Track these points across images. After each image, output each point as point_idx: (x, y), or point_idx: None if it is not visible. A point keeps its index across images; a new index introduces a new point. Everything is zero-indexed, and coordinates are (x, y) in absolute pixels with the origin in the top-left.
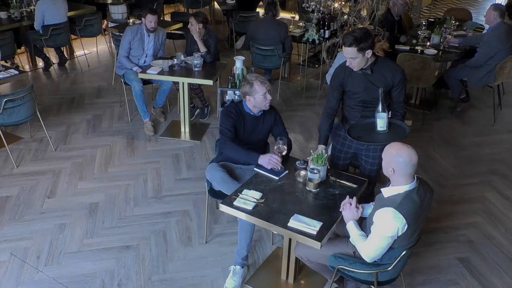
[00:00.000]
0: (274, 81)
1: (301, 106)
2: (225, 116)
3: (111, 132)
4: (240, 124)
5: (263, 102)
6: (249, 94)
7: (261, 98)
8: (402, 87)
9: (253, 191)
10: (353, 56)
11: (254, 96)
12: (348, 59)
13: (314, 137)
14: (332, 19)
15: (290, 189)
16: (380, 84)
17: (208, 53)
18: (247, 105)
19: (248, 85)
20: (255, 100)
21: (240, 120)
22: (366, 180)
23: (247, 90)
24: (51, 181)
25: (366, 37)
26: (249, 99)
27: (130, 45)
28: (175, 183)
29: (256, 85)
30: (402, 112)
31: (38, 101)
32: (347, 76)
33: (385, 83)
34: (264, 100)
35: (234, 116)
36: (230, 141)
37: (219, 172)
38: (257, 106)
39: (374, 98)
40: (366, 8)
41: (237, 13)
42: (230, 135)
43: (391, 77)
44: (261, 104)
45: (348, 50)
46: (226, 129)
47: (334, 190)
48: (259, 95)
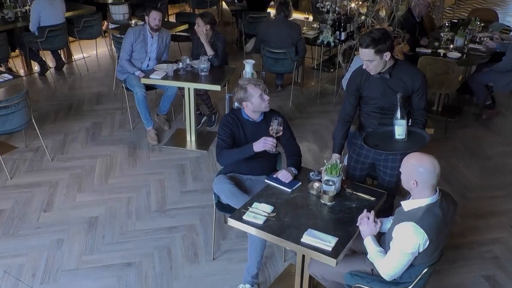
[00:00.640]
0: (286, 86)
1: (315, 113)
2: (221, 127)
3: (111, 141)
4: (239, 133)
5: (262, 104)
6: (245, 99)
7: (259, 101)
8: (423, 93)
9: (263, 204)
10: (370, 58)
11: (251, 100)
12: (365, 61)
13: (329, 146)
14: (348, 20)
15: (304, 202)
16: (399, 89)
17: (216, 56)
18: (245, 112)
19: (241, 91)
20: (252, 104)
21: (239, 128)
22: (385, 192)
23: (241, 96)
24: (47, 193)
25: (384, 38)
26: (246, 105)
27: (132, 48)
28: (180, 196)
29: (250, 88)
30: (423, 120)
31: (33, 108)
32: (364, 80)
33: (405, 88)
34: (262, 101)
35: (231, 126)
36: (223, 149)
37: (227, 185)
38: (256, 110)
39: (392, 104)
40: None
41: (247, 13)
42: (224, 146)
43: (411, 82)
44: (260, 107)
45: (365, 52)
46: (221, 140)
47: (350, 203)
48: (255, 98)
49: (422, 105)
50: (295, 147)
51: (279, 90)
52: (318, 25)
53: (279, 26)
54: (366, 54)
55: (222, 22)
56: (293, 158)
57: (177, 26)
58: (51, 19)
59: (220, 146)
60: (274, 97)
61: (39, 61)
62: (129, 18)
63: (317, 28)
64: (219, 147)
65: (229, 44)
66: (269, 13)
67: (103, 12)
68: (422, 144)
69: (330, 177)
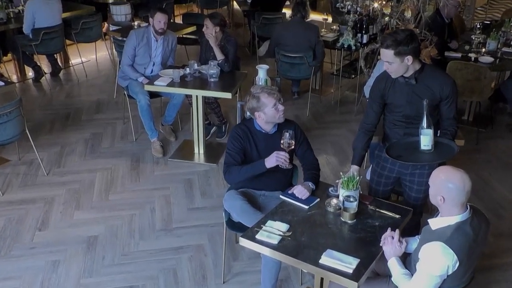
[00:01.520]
0: (303, 94)
1: (335, 123)
2: (230, 140)
3: (112, 153)
4: (250, 146)
5: (276, 114)
6: (258, 109)
7: (272, 111)
8: (453, 101)
9: (278, 223)
10: (389, 60)
11: (264, 110)
12: (385, 63)
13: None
14: (371, 21)
15: (322, 220)
16: (426, 96)
17: (226, 61)
18: (257, 123)
19: (253, 100)
20: (265, 115)
21: (250, 141)
22: (410, 209)
23: (254, 105)
24: (42, 210)
25: (408, 40)
26: (259, 115)
27: (135, 52)
28: (187, 213)
29: (263, 97)
30: (452, 131)
31: (27, 117)
32: (389, 86)
33: (432, 95)
34: (276, 112)
35: (241, 139)
36: (232, 166)
37: (238, 201)
38: (270, 121)
39: (419, 112)
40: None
41: (260, 14)
42: (233, 162)
43: (439, 89)
44: (274, 118)
45: (385, 53)
46: (230, 156)
47: (373, 221)
48: (269, 108)
49: (451, 114)
50: (313, 160)
51: (295, 98)
52: (338, 27)
53: (295, 28)
54: (386, 55)
55: (233, 24)
56: (311, 172)
57: (184, 28)
58: (46, 21)
59: (228, 163)
60: (290, 105)
61: (34, 66)
62: (132, 19)
63: (336, 30)
64: (227, 163)
65: (240, 48)
66: (284, 14)
67: (103, 12)
68: (449, 155)
69: (349, 192)
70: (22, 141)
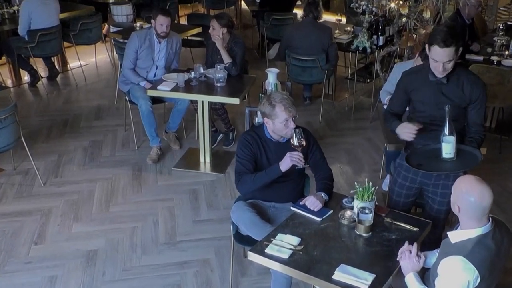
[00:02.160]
0: (316, 99)
1: (349, 131)
2: (240, 147)
3: (113, 162)
4: (261, 154)
5: (283, 130)
6: (268, 116)
7: (281, 126)
8: (481, 105)
9: (289, 236)
10: (451, 58)
11: (274, 121)
12: (443, 63)
13: (365, 168)
14: (387, 22)
15: (336, 233)
16: (455, 98)
17: (234, 64)
18: (267, 130)
19: (269, 106)
20: (274, 125)
21: (260, 149)
22: (429, 222)
23: (266, 111)
24: (39, 223)
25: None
26: (268, 121)
27: (136, 55)
28: (192, 226)
29: (278, 108)
30: (478, 139)
31: (22, 124)
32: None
33: (462, 97)
34: (284, 128)
35: (251, 146)
36: (244, 174)
37: (247, 213)
38: (276, 132)
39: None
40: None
41: (270, 15)
42: (245, 171)
43: (469, 90)
44: (280, 132)
45: (448, 51)
46: (241, 165)
47: (390, 235)
48: (279, 121)
49: (479, 120)
50: (326, 170)
51: (307, 104)
52: (352, 28)
53: (307, 30)
54: (449, 54)
55: (241, 25)
56: (324, 182)
57: (189, 30)
58: (43, 22)
59: (240, 172)
60: (301, 111)
61: (29, 70)
62: (133, 20)
63: (351, 32)
64: (239, 172)
65: (249, 50)
66: (295, 14)
67: (103, 13)
68: (472, 165)
69: (364, 203)
70: (17, 149)
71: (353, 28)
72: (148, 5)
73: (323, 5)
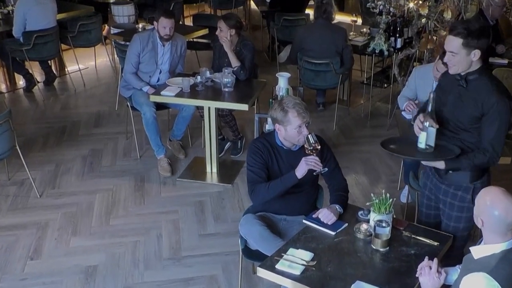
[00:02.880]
0: (330, 105)
1: (365, 139)
2: (250, 155)
3: (114, 172)
4: (272, 162)
5: (296, 137)
6: (280, 123)
7: (294, 132)
8: (494, 120)
9: (301, 251)
10: (454, 50)
11: (286, 127)
12: (448, 53)
13: (382, 179)
14: (405, 23)
15: (351, 247)
16: (470, 107)
17: (242, 68)
18: (279, 137)
19: (281, 111)
20: (286, 132)
21: (271, 157)
22: (451, 236)
23: (278, 117)
24: (35, 237)
25: (480, 32)
26: (279, 128)
27: (139, 59)
28: (198, 240)
29: (291, 114)
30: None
31: (17, 131)
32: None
33: (475, 106)
34: (297, 135)
35: (262, 153)
36: (258, 184)
37: (256, 226)
38: (287, 139)
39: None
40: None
41: (281, 15)
42: (257, 180)
43: (482, 100)
44: (293, 139)
45: (451, 41)
46: (253, 173)
47: (408, 249)
48: (291, 128)
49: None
50: (341, 181)
51: (320, 110)
52: (368, 30)
53: (320, 31)
54: (452, 44)
55: (250, 26)
56: (338, 193)
57: (195, 31)
58: (39, 22)
59: (252, 181)
60: (314, 118)
61: (25, 74)
62: (135, 21)
63: (367, 34)
64: (252, 181)
65: (258, 53)
66: (308, 15)
67: (104, 13)
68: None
69: (383, 217)
70: (11, 158)
71: (369, 30)
72: (151, 5)
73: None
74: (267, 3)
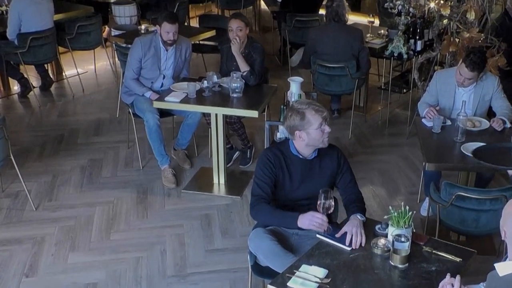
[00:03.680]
0: (345, 112)
1: (383, 148)
2: (260, 166)
3: (114, 184)
4: (283, 174)
5: (320, 137)
6: (300, 128)
7: (317, 133)
8: None
9: (315, 267)
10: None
11: (308, 130)
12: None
13: (401, 191)
14: (426, 24)
15: (367, 264)
16: None
17: (252, 72)
18: (294, 145)
19: (297, 116)
20: (308, 136)
21: (283, 168)
22: (474, 251)
23: (296, 123)
24: (30, 252)
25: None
26: (300, 135)
27: (140, 64)
28: (205, 256)
29: (309, 114)
30: None
31: (12, 140)
32: None
33: None
34: (321, 134)
35: (272, 165)
36: (261, 202)
37: (267, 241)
38: (311, 144)
39: None
40: (474, 9)
41: (293, 16)
42: (263, 196)
43: None
44: (317, 141)
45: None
46: (259, 187)
47: (429, 266)
48: (313, 128)
49: None
50: (357, 193)
51: (335, 117)
52: (386, 32)
53: (334, 33)
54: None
55: (260, 28)
56: (356, 204)
57: (201, 33)
58: (35, 24)
59: (256, 195)
60: None
61: (20, 78)
62: (138, 23)
63: (385, 36)
64: (256, 196)
65: (269, 57)
66: (322, 16)
67: (104, 14)
68: None
69: (402, 231)
70: (5, 168)
71: (387, 31)
72: (154, 5)
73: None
74: (278, 2)
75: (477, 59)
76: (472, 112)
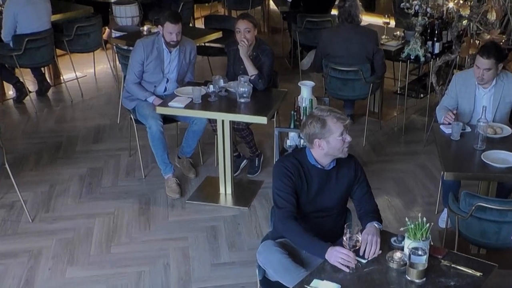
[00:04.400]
0: (359, 118)
1: (399, 156)
2: (279, 177)
3: (115, 194)
4: (302, 184)
5: (341, 146)
6: (320, 136)
7: (338, 142)
8: None
9: (327, 282)
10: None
11: (328, 139)
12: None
13: (418, 201)
14: (444, 25)
15: (382, 278)
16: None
17: (261, 76)
18: (312, 154)
19: (317, 123)
20: (328, 145)
21: (302, 178)
22: (495, 265)
23: (316, 131)
24: (26, 266)
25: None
26: (320, 143)
27: (142, 67)
28: (210, 270)
29: (330, 121)
30: None
31: (7, 147)
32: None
33: None
34: (341, 143)
35: (292, 175)
36: (291, 219)
37: (276, 254)
38: (330, 154)
39: None
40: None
41: (303, 17)
42: (290, 209)
43: None
44: (337, 150)
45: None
46: (283, 199)
47: (448, 281)
48: (334, 137)
49: None
50: (373, 205)
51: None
52: (402, 33)
53: (348, 34)
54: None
55: (269, 29)
56: (371, 215)
57: (207, 35)
58: (31, 25)
59: (282, 207)
60: None
61: (15, 83)
62: (140, 24)
63: (401, 37)
64: (281, 208)
65: (278, 59)
66: (334, 16)
67: (104, 14)
68: None
69: (419, 244)
70: (0, 178)
71: (403, 33)
72: (157, 5)
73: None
74: (288, 2)
75: (490, 45)
76: (492, 114)
